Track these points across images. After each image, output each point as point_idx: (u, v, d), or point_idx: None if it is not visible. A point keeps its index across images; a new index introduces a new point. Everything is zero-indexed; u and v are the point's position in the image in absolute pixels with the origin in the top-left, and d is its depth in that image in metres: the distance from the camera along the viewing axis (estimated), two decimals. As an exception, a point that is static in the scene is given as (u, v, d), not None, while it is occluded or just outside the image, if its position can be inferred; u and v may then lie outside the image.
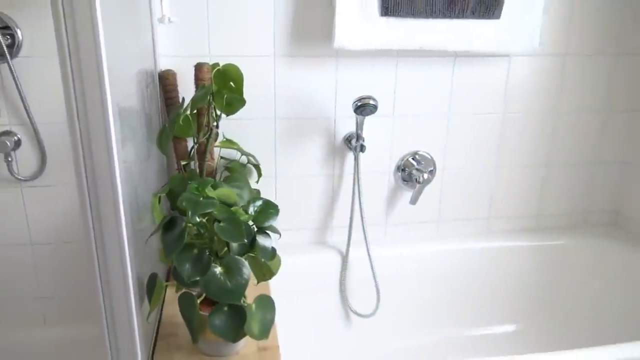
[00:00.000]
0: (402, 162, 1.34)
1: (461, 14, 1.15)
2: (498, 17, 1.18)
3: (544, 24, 1.27)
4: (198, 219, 0.81)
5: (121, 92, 0.79)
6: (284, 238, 1.31)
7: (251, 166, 1.20)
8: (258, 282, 0.94)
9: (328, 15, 1.17)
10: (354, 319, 1.37)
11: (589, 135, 1.41)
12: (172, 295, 1.04)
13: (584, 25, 1.30)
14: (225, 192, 0.85)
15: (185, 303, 0.87)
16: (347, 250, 1.33)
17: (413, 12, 1.13)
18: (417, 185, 1.31)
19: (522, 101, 1.34)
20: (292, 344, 1.21)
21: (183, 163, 1.11)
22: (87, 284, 0.78)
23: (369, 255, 1.30)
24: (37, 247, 1.25)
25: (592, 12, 1.30)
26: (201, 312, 0.86)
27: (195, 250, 0.82)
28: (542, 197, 1.45)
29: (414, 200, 1.31)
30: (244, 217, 0.86)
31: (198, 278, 0.81)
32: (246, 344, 0.96)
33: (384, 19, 1.14)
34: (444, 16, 1.15)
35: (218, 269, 0.82)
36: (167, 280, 1.16)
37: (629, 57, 1.35)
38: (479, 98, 1.32)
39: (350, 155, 1.31)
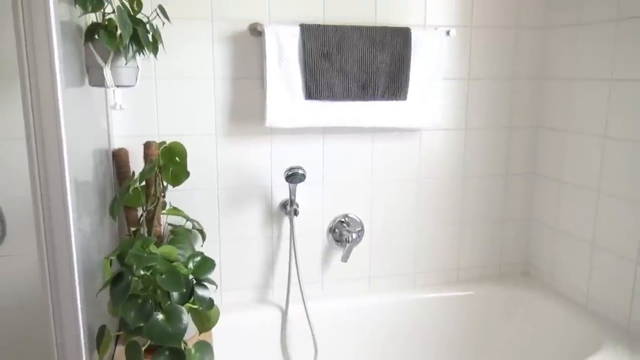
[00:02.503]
0: (333, 224, 1.51)
1: (373, 97, 1.37)
2: (404, 99, 1.40)
3: (446, 103, 1.51)
4: (142, 272, 0.95)
5: (79, 168, 0.95)
6: (228, 297, 1.44)
7: (196, 231, 1.34)
8: (200, 332, 1.06)
9: (261, 99, 1.38)
10: (295, 371, 1.48)
11: (495, 195, 1.63)
12: (122, 350, 1.14)
13: (482, 103, 1.55)
14: (167, 249, 0.99)
15: (131, 350, 0.98)
16: (287, 306, 1.46)
17: (332, 96, 1.35)
18: (347, 245, 1.47)
19: (434, 168, 1.55)
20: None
21: (133, 229, 1.25)
22: (43, 341, 0.89)
23: (305, 310, 1.43)
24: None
25: (485, 92, 1.55)
26: (145, 359, 0.98)
27: (140, 300, 0.95)
28: (460, 252, 1.63)
29: (345, 258, 1.47)
30: (183, 271, 1.00)
31: (142, 324, 0.93)
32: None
33: (309, 101, 1.35)
34: (359, 99, 1.37)
35: (160, 316, 0.95)
36: (118, 331, 1.26)
37: (524, 129, 1.60)
38: (397, 166, 1.52)
39: (286, 219, 1.47)
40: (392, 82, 1.36)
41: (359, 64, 1.32)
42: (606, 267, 1.39)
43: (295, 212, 1.43)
